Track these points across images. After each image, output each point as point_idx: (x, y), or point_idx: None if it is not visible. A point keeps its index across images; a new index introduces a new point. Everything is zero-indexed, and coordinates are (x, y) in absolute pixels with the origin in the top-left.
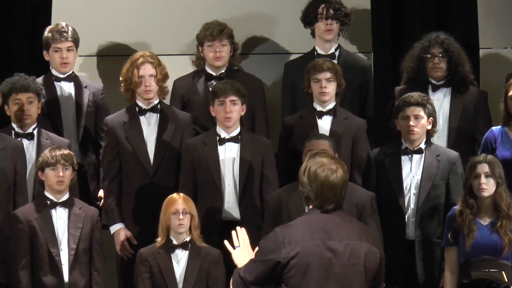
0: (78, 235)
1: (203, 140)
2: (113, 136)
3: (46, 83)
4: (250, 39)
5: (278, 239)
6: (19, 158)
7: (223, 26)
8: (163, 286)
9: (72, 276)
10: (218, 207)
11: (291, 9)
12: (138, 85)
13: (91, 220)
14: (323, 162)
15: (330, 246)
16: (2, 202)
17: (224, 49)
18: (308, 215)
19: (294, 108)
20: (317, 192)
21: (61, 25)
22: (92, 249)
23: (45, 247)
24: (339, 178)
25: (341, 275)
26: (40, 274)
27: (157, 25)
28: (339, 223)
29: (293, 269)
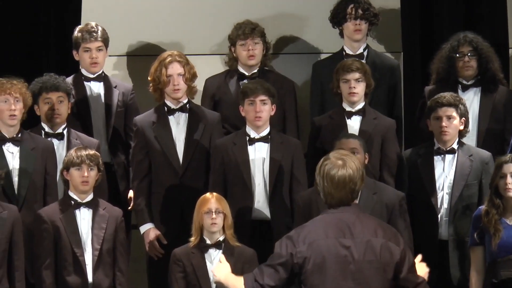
0: (102, 235)
1: (233, 140)
2: (142, 136)
3: (76, 83)
4: (280, 39)
5: (293, 239)
6: (49, 158)
7: (255, 25)
8: (196, 286)
9: (96, 277)
10: (248, 207)
11: (321, 9)
12: (167, 85)
13: (115, 221)
14: (330, 157)
15: (345, 243)
16: (31, 203)
17: (257, 47)
18: (323, 214)
19: (322, 108)
20: (321, 186)
21: (90, 25)
22: (116, 250)
23: (69, 248)
24: (341, 173)
25: (357, 272)
26: (64, 274)
27: (187, 25)
28: (354, 220)
29: (309, 268)
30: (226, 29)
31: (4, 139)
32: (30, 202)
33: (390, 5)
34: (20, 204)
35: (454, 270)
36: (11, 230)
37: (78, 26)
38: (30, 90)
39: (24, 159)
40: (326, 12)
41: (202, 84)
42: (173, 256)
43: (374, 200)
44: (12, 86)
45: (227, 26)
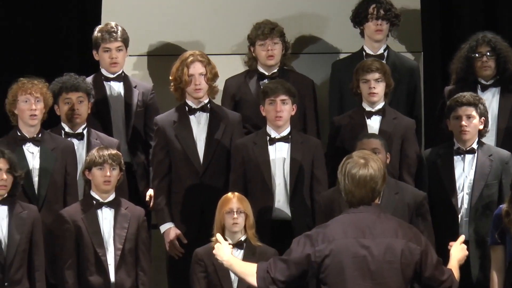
0: (124, 235)
1: (253, 140)
2: (162, 136)
3: (96, 83)
4: (300, 39)
5: (312, 238)
6: (69, 158)
7: (274, 24)
8: (218, 285)
9: (118, 276)
10: (269, 207)
11: (340, 9)
12: (188, 84)
13: (137, 220)
14: (353, 157)
15: (364, 243)
16: (52, 203)
17: (276, 47)
18: (343, 214)
19: (341, 108)
20: (342, 184)
21: (110, 25)
22: (138, 249)
23: (91, 247)
24: (362, 172)
25: (376, 272)
26: (86, 274)
27: (207, 25)
28: (374, 220)
29: (328, 267)
30: (246, 29)
31: (24, 139)
32: (50, 202)
33: (410, 5)
34: (40, 204)
35: (475, 270)
36: (31, 230)
37: (98, 26)
38: (50, 90)
39: (44, 159)
40: (346, 12)
41: (222, 84)
42: (195, 255)
43: (396, 200)
44: (33, 86)
45: (247, 26)
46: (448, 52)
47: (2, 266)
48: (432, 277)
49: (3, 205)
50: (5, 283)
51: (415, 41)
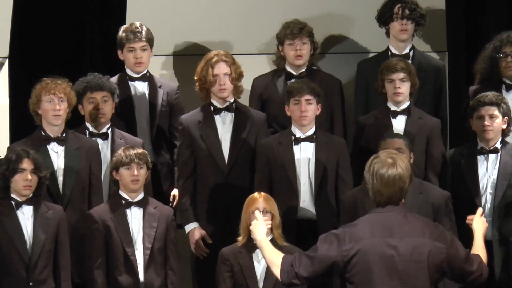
0: (153, 234)
1: (278, 140)
2: (187, 135)
3: (120, 83)
4: (327, 39)
5: (339, 237)
6: (94, 158)
7: (303, 24)
8: (244, 285)
9: (148, 276)
10: (294, 206)
11: (367, 8)
12: (213, 84)
13: (166, 220)
14: (380, 156)
15: (392, 243)
16: (77, 202)
17: (305, 47)
18: (370, 214)
19: (367, 107)
20: (370, 184)
21: (135, 25)
22: (167, 249)
23: (120, 247)
24: (391, 172)
25: (404, 272)
26: (115, 273)
27: (234, 24)
28: (401, 220)
29: (356, 267)
30: (274, 28)
31: (48, 138)
32: (75, 201)
33: (435, 5)
34: (65, 203)
35: (498, 270)
36: (57, 229)
37: (122, 26)
38: (75, 89)
39: (69, 158)
40: (373, 12)
41: (249, 84)
42: (221, 255)
43: (420, 200)
44: (56, 86)
45: (274, 26)
46: (473, 52)
47: (27, 266)
48: (462, 271)
49: (28, 205)
50: (30, 283)
51: (439, 41)
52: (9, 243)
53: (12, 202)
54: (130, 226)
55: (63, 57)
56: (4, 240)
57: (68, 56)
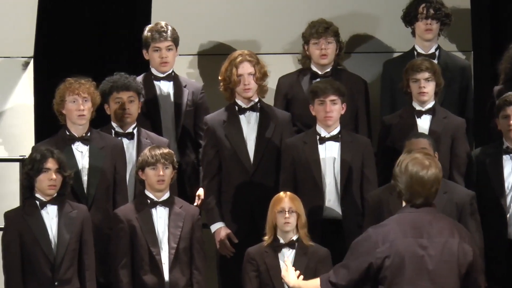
0: (179, 234)
1: (303, 139)
2: (212, 135)
3: (146, 82)
4: (352, 38)
5: (372, 239)
6: (119, 157)
7: (329, 24)
8: (269, 285)
9: (173, 275)
10: (319, 206)
11: (393, 8)
12: (237, 84)
13: (191, 219)
14: (417, 157)
15: (423, 243)
16: (101, 202)
17: (330, 46)
18: (400, 214)
19: (392, 107)
20: (406, 185)
21: (160, 25)
22: (192, 248)
23: (146, 247)
24: (430, 174)
25: (434, 272)
26: (140, 273)
27: (259, 24)
28: (431, 220)
29: (388, 268)
30: (299, 28)
31: (73, 138)
32: (100, 201)
33: (460, 5)
34: (89, 203)
35: None
36: (81, 229)
37: (148, 26)
38: (101, 89)
39: (93, 158)
40: (399, 11)
41: (274, 83)
42: (247, 255)
43: (445, 199)
44: (80, 86)
45: (299, 25)
46: (498, 52)
47: (52, 265)
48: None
49: (53, 205)
50: (55, 283)
51: (464, 41)
52: (34, 242)
53: (37, 201)
54: (156, 225)
55: (88, 57)
56: (29, 240)
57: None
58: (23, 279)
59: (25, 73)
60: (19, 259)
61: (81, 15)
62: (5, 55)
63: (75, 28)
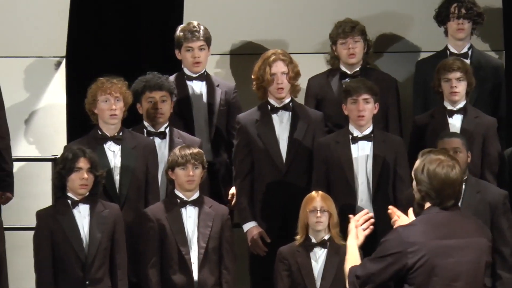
0: (208, 233)
1: (335, 139)
2: (245, 134)
3: (178, 82)
4: (383, 38)
5: (402, 239)
6: (151, 157)
7: (355, 23)
8: (301, 284)
9: (202, 275)
10: (352, 205)
11: (423, 7)
12: (270, 83)
13: (221, 219)
14: (441, 159)
15: (454, 244)
16: (133, 201)
17: (357, 45)
18: (428, 214)
19: (425, 106)
20: (438, 189)
21: (192, 24)
22: (222, 248)
23: (175, 246)
24: (457, 174)
25: (466, 272)
26: (169, 272)
27: (290, 24)
28: (459, 220)
29: (419, 269)
30: (329, 27)
31: (105, 137)
32: (132, 200)
33: (492, 4)
34: (121, 202)
35: None
36: (113, 228)
37: (180, 26)
38: (133, 88)
39: (125, 157)
40: (429, 11)
41: (304, 83)
42: (279, 254)
43: (477, 199)
44: (112, 85)
45: (330, 25)
46: None
47: (83, 264)
48: None
49: (85, 204)
50: (86, 282)
51: (497, 40)
52: (66, 242)
53: (69, 201)
54: (185, 225)
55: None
56: (60, 239)
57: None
58: (54, 278)
59: (58, 72)
60: (50, 258)
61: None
62: (38, 55)
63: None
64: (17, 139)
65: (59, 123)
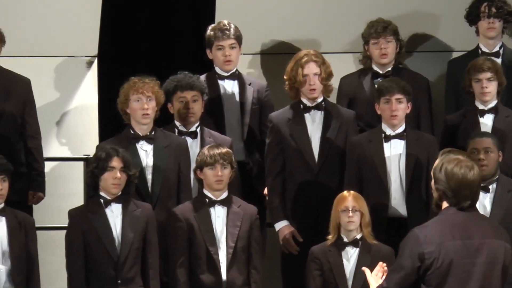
0: (237, 233)
1: (368, 138)
2: (277, 133)
3: (210, 81)
4: (414, 37)
5: (419, 240)
6: (183, 156)
7: (387, 23)
8: (333, 283)
9: (230, 275)
10: (384, 204)
11: (454, 7)
12: (303, 84)
13: (249, 218)
14: (460, 159)
15: (470, 245)
16: (165, 200)
17: (389, 45)
18: (445, 215)
19: (457, 106)
20: (455, 189)
21: (223, 23)
22: (250, 247)
23: (203, 246)
24: (475, 175)
25: (482, 274)
26: (198, 272)
27: (321, 23)
28: (476, 221)
29: (436, 270)
30: (359, 27)
31: (137, 137)
32: (164, 199)
33: None
34: (154, 201)
35: None
36: (145, 228)
37: (211, 25)
38: (165, 88)
39: (157, 156)
40: (460, 10)
41: (335, 82)
42: (311, 253)
43: (509, 198)
44: (144, 85)
45: (360, 25)
46: None
47: (115, 264)
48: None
49: (117, 204)
50: (118, 281)
51: None
52: (98, 241)
53: (101, 200)
54: (214, 225)
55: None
56: (93, 238)
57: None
58: (86, 278)
59: (89, 72)
60: (82, 257)
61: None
62: (70, 55)
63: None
64: (49, 138)
65: (91, 123)
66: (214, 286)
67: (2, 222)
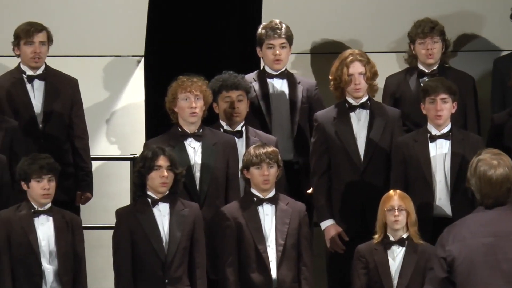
0: (286, 231)
1: (413, 138)
2: (322, 132)
3: (259, 80)
4: (459, 37)
5: (443, 239)
6: (231, 153)
7: (434, 23)
8: (378, 282)
9: (280, 273)
10: (430, 204)
11: (500, 6)
12: (348, 84)
13: (298, 215)
14: (484, 157)
15: (495, 243)
16: (213, 198)
17: (436, 46)
18: (473, 213)
19: (504, 104)
20: (477, 186)
21: (274, 22)
22: (300, 245)
23: (252, 244)
24: (497, 174)
25: (508, 271)
26: (247, 271)
27: (367, 23)
28: (503, 219)
29: (459, 267)
30: (404, 26)
31: (185, 134)
32: (212, 197)
33: None
34: (202, 199)
35: None
36: (192, 227)
37: (262, 23)
38: (210, 88)
39: (206, 154)
40: (505, 10)
41: (381, 82)
42: (357, 252)
43: None
44: (192, 84)
45: (404, 24)
46: None
47: (163, 263)
48: None
49: (165, 203)
50: (166, 280)
51: None
52: (146, 240)
53: (148, 199)
54: (262, 223)
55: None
56: (140, 238)
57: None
58: (133, 277)
59: (136, 71)
60: (130, 256)
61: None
62: (117, 54)
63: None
64: (97, 138)
65: (138, 122)
66: (264, 284)
67: (49, 222)
